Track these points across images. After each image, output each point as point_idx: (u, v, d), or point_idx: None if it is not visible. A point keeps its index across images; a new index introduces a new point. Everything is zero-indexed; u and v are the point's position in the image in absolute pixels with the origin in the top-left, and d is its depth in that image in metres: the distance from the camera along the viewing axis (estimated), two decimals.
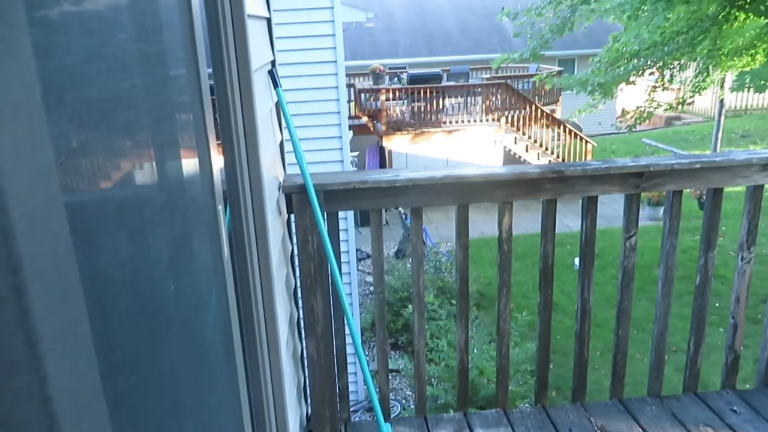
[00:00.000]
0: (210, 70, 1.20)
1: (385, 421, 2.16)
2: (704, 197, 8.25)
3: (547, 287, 2.30)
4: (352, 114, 13.44)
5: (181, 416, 0.91)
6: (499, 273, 2.30)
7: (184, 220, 0.97)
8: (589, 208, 2.23)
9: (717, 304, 6.43)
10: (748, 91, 10.57)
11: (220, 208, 1.14)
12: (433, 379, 5.47)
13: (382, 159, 13.78)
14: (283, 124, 2.18)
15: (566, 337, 6.47)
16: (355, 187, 2.07)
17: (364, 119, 13.71)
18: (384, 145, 13.37)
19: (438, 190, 2.14)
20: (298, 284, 2.26)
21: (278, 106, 2.10)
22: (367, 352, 6.92)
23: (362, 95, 13.67)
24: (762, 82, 9.12)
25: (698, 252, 2.33)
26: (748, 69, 9.45)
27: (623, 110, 20.26)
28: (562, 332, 6.27)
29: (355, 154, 12.27)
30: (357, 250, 8.68)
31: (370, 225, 2.23)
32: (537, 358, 2.40)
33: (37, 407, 0.43)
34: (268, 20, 2.02)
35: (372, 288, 9.16)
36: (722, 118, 13.42)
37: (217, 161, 1.16)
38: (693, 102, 11.30)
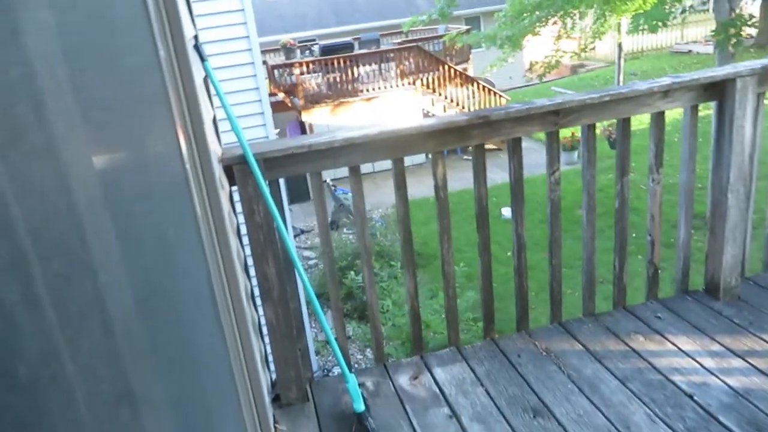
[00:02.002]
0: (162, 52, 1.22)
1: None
2: (613, 136, 8.84)
3: (484, 227, 2.46)
4: (268, 91, 13.22)
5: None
6: (439, 220, 2.44)
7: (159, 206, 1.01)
8: (515, 149, 2.39)
9: (634, 234, 6.92)
10: (643, 32, 11.20)
11: (193, 186, 1.18)
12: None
13: (303, 133, 13.68)
14: (216, 102, 2.20)
15: (503, 283, 6.79)
16: (294, 153, 2.13)
17: (281, 95, 13.53)
18: (304, 120, 13.28)
19: (374, 146, 2.23)
20: (248, 254, 2.31)
21: (206, 81, 2.11)
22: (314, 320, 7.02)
23: (275, 71, 13.47)
24: (654, 22, 9.69)
25: (615, 179, 2.55)
26: (641, 12, 10.00)
27: (531, 63, 20.90)
28: (498, 279, 6.56)
29: (276, 131, 12.12)
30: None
31: (301, 201, 2.30)
32: (482, 296, 2.57)
33: None
34: None
35: (311, 262, 9.21)
36: (622, 61, 14.13)
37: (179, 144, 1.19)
38: (594, 48, 11.87)
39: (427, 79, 13.93)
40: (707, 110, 2.49)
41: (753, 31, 17.13)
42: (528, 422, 2.05)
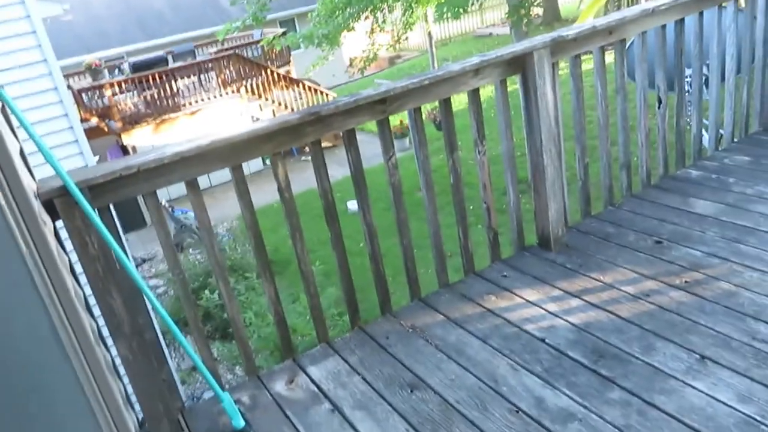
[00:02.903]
0: None
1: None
2: (438, 118, 9.30)
3: (333, 221, 2.49)
4: (79, 117, 12.20)
5: None
6: (288, 220, 2.42)
7: None
8: (350, 140, 2.44)
9: (471, 207, 7.42)
10: (447, 20, 11.96)
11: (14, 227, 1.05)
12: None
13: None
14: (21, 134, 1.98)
15: (360, 274, 6.96)
16: (122, 175, 1.99)
17: (94, 120, 12.54)
18: (125, 143, 12.43)
19: (208, 157, 2.15)
20: (88, 292, 2.13)
21: (5, 111, 1.90)
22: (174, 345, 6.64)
23: (83, 95, 12.44)
24: (456, 9, 10.39)
25: (446, 156, 2.71)
26: (443, 1, 10.64)
27: (351, 59, 21.46)
28: (355, 271, 6.70)
29: (96, 158, 11.24)
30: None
31: (136, 228, 2.17)
32: (343, 286, 2.61)
33: None
34: None
35: (159, 290, 8.69)
36: (434, 48, 14.98)
37: None
38: (407, 39, 12.45)
39: (251, 85, 13.72)
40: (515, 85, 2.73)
41: (540, 11, 19.04)
42: (407, 398, 2.12)
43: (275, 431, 2.10)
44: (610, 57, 3.12)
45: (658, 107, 3.26)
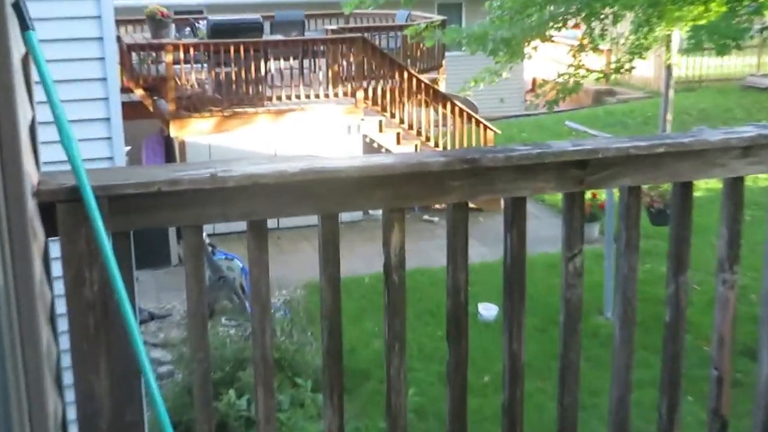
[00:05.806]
0: None
1: None
2: (655, 206, 9.04)
3: (459, 337, 2.43)
4: (119, 85, 13.14)
5: None
6: (388, 319, 2.40)
7: None
8: (516, 213, 2.38)
9: None
10: (704, 53, 11.76)
11: None
12: None
13: (170, 156, 13.53)
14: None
15: (472, 424, 6.71)
16: (161, 190, 2.05)
17: (138, 93, 13.42)
18: (172, 134, 13.15)
19: (291, 191, 2.17)
20: (61, 350, 2.19)
21: (28, 61, 2.05)
22: None
23: (134, 54, 13.40)
24: (723, 41, 10.13)
25: (666, 276, 2.59)
26: (702, 22, 10.45)
27: (535, 82, 21.64)
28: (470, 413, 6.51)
29: (127, 149, 11.99)
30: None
31: (153, 266, 2.21)
32: None
33: None
34: None
35: (162, 368, 8.94)
36: (671, 91, 14.65)
37: None
38: (631, 69, 12.37)
39: (375, 89, 14.12)
40: None
41: None
42: None
43: None
44: None
45: None
